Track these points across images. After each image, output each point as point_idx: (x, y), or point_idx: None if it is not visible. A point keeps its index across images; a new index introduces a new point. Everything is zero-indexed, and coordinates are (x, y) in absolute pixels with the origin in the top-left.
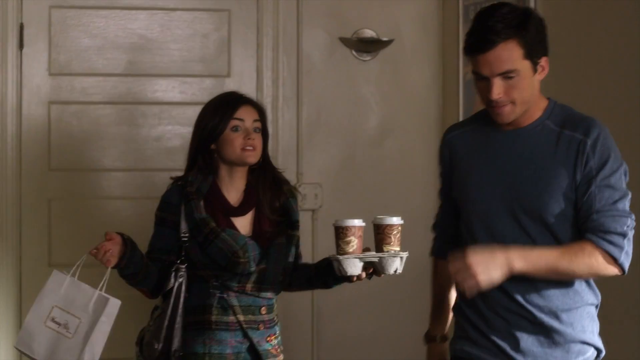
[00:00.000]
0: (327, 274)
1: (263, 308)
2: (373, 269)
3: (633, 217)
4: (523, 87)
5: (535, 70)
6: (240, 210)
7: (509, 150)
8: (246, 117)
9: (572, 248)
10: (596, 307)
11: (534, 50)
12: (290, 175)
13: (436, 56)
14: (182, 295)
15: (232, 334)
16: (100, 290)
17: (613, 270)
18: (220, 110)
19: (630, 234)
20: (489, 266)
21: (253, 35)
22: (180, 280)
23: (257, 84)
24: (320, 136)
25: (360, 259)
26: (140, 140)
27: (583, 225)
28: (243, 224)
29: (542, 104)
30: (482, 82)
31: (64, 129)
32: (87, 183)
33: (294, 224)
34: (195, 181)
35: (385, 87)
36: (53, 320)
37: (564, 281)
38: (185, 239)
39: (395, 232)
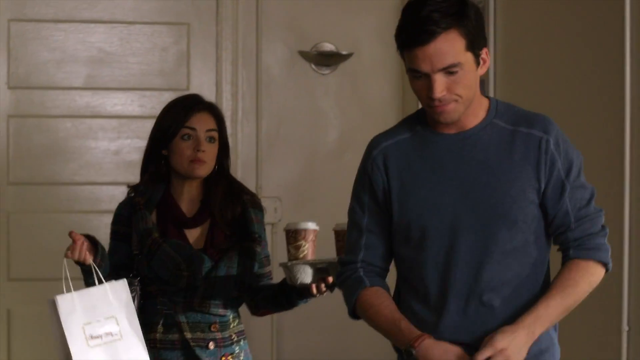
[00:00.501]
0: (290, 288)
1: (214, 325)
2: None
3: (603, 210)
4: (467, 82)
5: (477, 63)
6: (193, 221)
7: (459, 156)
8: (199, 125)
9: (568, 278)
10: None
11: (476, 41)
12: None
13: (395, 69)
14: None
15: (177, 354)
16: (102, 282)
17: (602, 273)
18: (173, 115)
19: (607, 229)
20: (520, 346)
21: (212, 49)
22: (133, 295)
23: (216, 97)
24: (280, 150)
25: (311, 264)
26: (99, 153)
27: (562, 237)
28: (196, 235)
29: (484, 102)
30: (420, 80)
31: (23, 143)
32: (46, 197)
33: (250, 236)
34: (147, 191)
35: (345, 101)
36: (92, 337)
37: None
38: (137, 252)
39: None
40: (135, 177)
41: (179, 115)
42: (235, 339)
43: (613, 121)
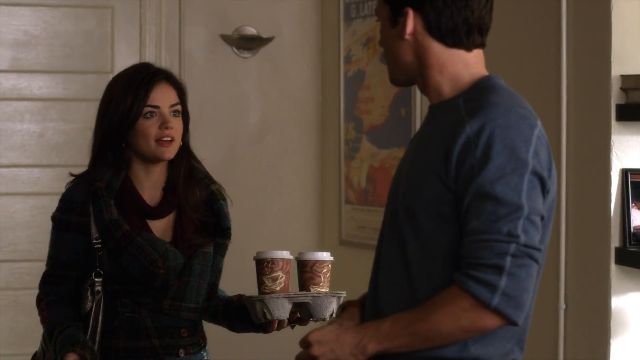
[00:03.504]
0: (237, 316)
1: (184, 330)
2: (299, 314)
3: (523, 241)
4: (383, 38)
5: (393, 23)
6: (158, 211)
7: (420, 130)
8: (162, 101)
9: (432, 302)
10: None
11: None
12: None
13: (316, 53)
14: (100, 317)
15: None
16: None
17: (491, 322)
18: (131, 93)
19: (515, 266)
20: (335, 350)
21: (136, 32)
22: (98, 297)
23: None
24: (202, 133)
25: (290, 299)
26: (25, 135)
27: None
28: (162, 227)
29: (465, 80)
30: None
31: None
32: None
33: (224, 232)
34: (105, 176)
35: (266, 84)
36: None
37: None
38: (99, 246)
39: (325, 270)
40: (59, 160)
41: (138, 93)
42: (202, 343)
43: (549, 117)
